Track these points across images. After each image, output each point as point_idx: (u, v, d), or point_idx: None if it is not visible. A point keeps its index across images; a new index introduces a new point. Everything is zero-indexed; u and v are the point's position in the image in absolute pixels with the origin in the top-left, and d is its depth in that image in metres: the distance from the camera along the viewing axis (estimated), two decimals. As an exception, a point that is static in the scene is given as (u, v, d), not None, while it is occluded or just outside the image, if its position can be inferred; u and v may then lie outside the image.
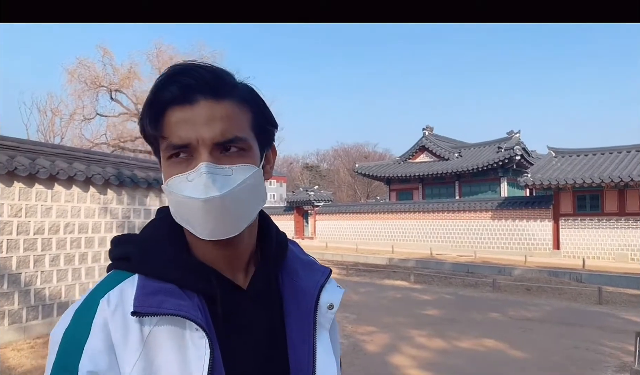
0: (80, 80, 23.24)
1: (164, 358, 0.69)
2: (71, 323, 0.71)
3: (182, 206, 0.73)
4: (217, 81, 0.74)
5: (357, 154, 68.74)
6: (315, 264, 0.91)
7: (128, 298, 0.70)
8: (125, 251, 0.78)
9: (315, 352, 0.80)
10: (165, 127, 0.72)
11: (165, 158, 0.74)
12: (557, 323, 8.29)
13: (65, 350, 0.69)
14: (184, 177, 0.71)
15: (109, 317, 0.69)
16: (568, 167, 21.23)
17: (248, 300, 0.79)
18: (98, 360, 0.67)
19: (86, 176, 7.38)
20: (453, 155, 29.94)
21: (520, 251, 21.15)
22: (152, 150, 0.80)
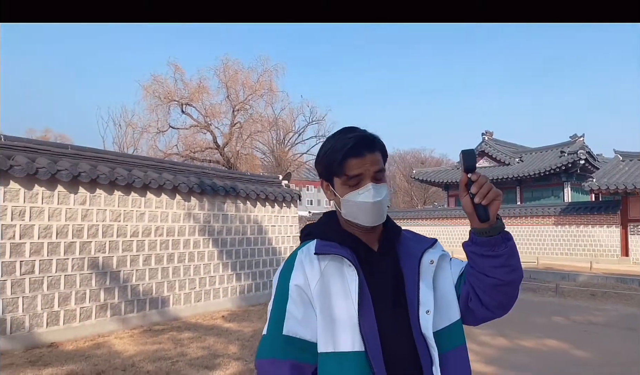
0: (154, 96, 24.98)
1: (332, 280, 1.22)
2: (284, 266, 1.29)
3: (355, 207, 1.28)
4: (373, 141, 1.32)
5: (414, 159, 68.19)
6: (425, 238, 1.44)
7: (312, 249, 1.26)
8: (310, 231, 1.38)
9: (419, 288, 1.29)
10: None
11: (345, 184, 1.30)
12: (623, 328, 8.28)
13: (282, 276, 1.26)
14: (355, 192, 1.28)
15: (303, 259, 1.26)
16: (637, 171, 20.48)
17: (379, 256, 1.32)
18: (299, 280, 1.21)
19: (173, 185, 8.25)
20: (514, 160, 29.42)
21: (586, 257, 20.58)
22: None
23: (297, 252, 1.28)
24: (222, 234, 9.33)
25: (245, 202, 9.87)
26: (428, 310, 1.27)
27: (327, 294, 1.19)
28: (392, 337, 1.21)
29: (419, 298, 1.27)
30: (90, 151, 7.60)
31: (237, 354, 5.99)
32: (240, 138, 26.40)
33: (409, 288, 1.28)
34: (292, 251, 1.32)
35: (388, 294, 1.26)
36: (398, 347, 1.21)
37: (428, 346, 1.23)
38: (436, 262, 1.34)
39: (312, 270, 1.22)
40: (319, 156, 1.35)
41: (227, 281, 9.34)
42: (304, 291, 1.19)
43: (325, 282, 1.20)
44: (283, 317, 1.18)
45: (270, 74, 27.72)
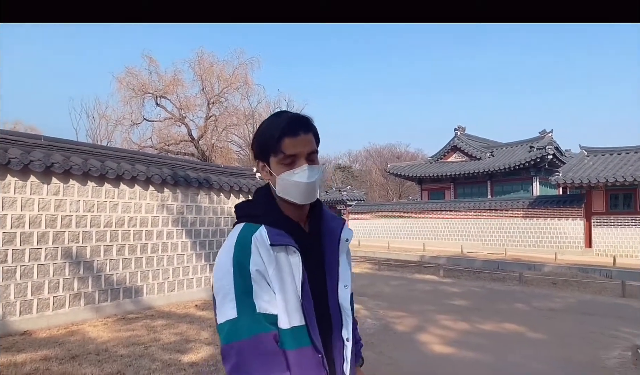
0: (129, 88, 24.77)
1: (283, 265, 1.32)
2: (236, 252, 1.29)
3: (290, 186, 1.37)
4: (307, 123, 1.42)
5: (389, 154, 68.80)
6: (336, 216, 1.62)
7: (265, 237, 1.31)
8: (254, 214, 1.40)
9: (338, 264, 1.47)
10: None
11: (280, 163, 1.38)
12: (579, 313, 8.78)
13: (240, 260, 1.28)
14: (291, 172, 1.37)
15: (259, 246, 1.30)
16: (600, 166, 21.27)
17: (310, 237, 1.44)
18: (259, 266, 1.28)
19: (146, 176, 8.36)
20: (485, 155, 30.12)
21: (552, 249, 21.33)
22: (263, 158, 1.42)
23: (250, 237, 1.31)
24: (196, 225, 9.48)
25: (219, 194, 10.03)
26: (346, 285, 1.48)
27: (280, 278, 1.30)
28: (322, 310, 1.39)
29: (339, 274, 1.46)
30: (63, 142, 7.65)
31: (208, 339, 6.19)
32: (215, 131, 26.39)
33: (331, 264, 1.45)
34: (238, 231, 1.35)
35: (319, 272, 1.42)
36: (325, 318, 1.40)
37: (343, 315, 1.45)
38: (350, 240, 1.54)
39: (268, 258, 1.30)
40: (255, 137, 1.43)
41: (200, 271, 9.50)
42: (264, 276, 1.29)
43: (278, 268, 1.31)
44: (251, 297, 1.24)
45: (245, 67, 27.76)
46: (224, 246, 1.34)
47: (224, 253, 1.31)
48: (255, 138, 1.44)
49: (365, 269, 16.06)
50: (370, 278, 13.61)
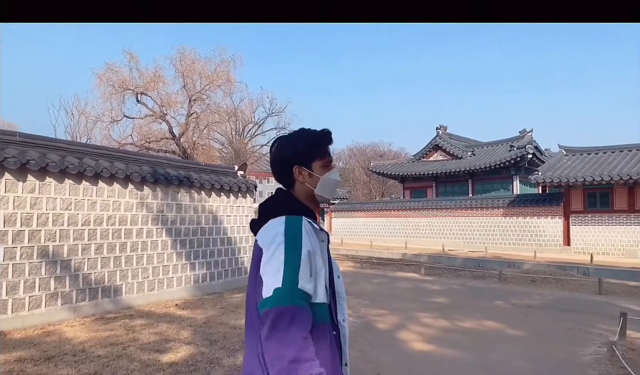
0: (109, 84, 24.36)
1: (320, 251, 1.56)
2: (295, 231, 1.50)
3: (330, 184, 1.69)
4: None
5: (372, 152, 69.06)
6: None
7: (311, 225, 1.58)
8: (292, 210, 1.61)
9: (331, 257, 1.72)
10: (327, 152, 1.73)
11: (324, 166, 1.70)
12: (557, 310, 8.91)
13: (297, 240, 1.49)
14: (330, 172, 1.70)
15: (308, 231, 1.54)
16: (579, 165, 21.65)
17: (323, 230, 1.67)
18: (309, 247, 1.49)
19: (126, 174, 8.24)
20: (466, 153, 30.42)
21: (531, 247, 21.64)
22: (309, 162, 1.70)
23: (300, 223, 1.54)
24: (176, 224, 9.38)
25: (199, 192, 9.93)
26: (339, 275, 1.74)
27: (318, 261, 1.52)
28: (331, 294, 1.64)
29: (332, 266, 1.69)
30: (40, 139, 7.50)
31: (188, 338, 6.13)
32: (197, 128, 26.14)
33: (329, 257, 1.68)
34: (291, 219, 1.55)
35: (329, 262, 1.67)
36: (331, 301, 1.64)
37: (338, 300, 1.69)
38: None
39: (315, 242, 1.55)
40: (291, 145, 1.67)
41: (181, 270, 9.41)
42: (310, 257, 1.48)
43: (318, 252, 1.54)
44: (297, 274, 1.42)
45: (227, 64, 27.53)
46: (278, 230, 1.50)
47: (276, 227, 1.52)
48: (294, 146, 1.67)
49: (348, 268, 16.09)
50: (352, 276, 13.64)
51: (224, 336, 6.25)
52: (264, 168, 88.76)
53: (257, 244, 1.55)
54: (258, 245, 1.53)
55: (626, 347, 5.81)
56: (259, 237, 1.55)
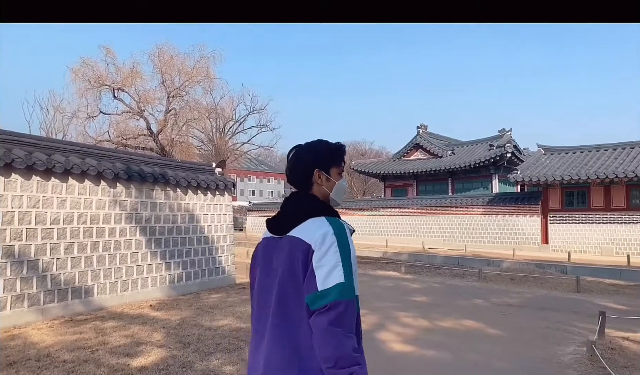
0: (84, 79, 23.76)
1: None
2: (347, 235, 1.64)
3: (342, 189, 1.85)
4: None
5: (354, 151, 69.13)
6: None
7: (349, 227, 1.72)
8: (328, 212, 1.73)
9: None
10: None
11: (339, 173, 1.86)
12: (535, 308, 8.91)
13: (350, 243, 1.64)
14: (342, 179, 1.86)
15: (348, 230, 1.69)
16: (557, 164, 21.90)
17: None
18: (351, 240, 1.66)
19: (98, 171, 7.96)
20: (446, 152, 30.57)
21: (510, 245, 21.83)
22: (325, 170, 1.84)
23: (342, 224, 1.69)
24: (151, 222, 9.11)
25: (175, 190, 9.68)
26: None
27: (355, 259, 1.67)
28: None
29: None
30: (5, 134, 7.18)
31: (160, 341, 5.91)
32: (175, 125, 25.71)
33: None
34: (334, 221, 1.68)
35: None
36: None
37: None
38: None
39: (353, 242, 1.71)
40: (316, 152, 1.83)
41: (156, 270, 9.15)
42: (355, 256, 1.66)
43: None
44: (352, 271, 1.59)
45: (207, 61, 27.14)
46: (328, 230, 1.62)
47: (342, 236, 1.63)
48: (316, 152, 1.83)
49: (328, 266, 15.95)
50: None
51: (198, 338, 6.05)
52: (245, 166, 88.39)
53: (295, 239, 1.64)
54: (302, 240, 1.61)
55: (605, 347, 5.79)
56: (299, 234, 1.64)
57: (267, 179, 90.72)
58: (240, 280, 11.56)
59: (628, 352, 5.68)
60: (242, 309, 7.94)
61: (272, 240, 1.75)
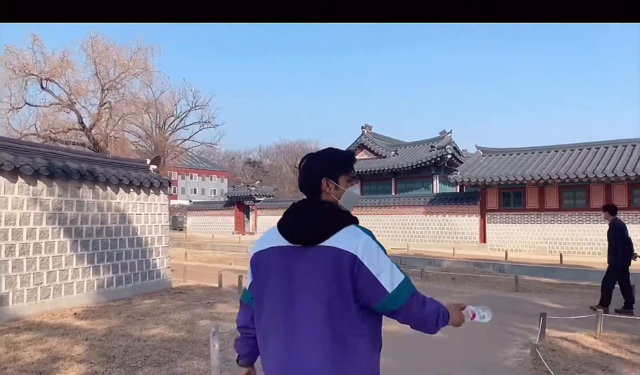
0: (8, 68, 21.99)
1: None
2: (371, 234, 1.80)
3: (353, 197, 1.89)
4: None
5: (300, 150, 69.08)
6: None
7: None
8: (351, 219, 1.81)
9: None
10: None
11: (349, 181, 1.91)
12: (477, 308, 8.95)
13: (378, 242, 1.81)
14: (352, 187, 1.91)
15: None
16: (494, 165, 22.60)
17: None
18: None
19: (14, 166, 7.20)
20: (390, 153, 30.93)
21: (450, 244, 22.30)
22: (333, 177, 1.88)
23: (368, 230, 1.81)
24: (77, 223, 8.38)
25: (105, 188, 8.98)
26: None
27: None
28: None
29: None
30: None
31: (82, 355, 5.34)
32: (111, 120, 24.38)
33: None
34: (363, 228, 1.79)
35: None
36: None
37: None
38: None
39: None
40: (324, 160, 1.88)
41: (82, 275, 8.43)
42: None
43: None
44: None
45: (145, 52, 25.95)
46: (366, 237, 1.75)
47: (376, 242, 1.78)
48: (324, 161, 1.88)
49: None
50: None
51: (125, 350, 5.53)
52: (187, 163, 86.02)
53: (333, 249, 1.67)
54: (343, 250, 1.67)
55: (547, 348, 5.79)
56: (338, 244, 1.68)
57: (209, 177, 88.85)
58: (177, 284, 10.97)
59: (568, 354, 5.71)
60: (177, 316, 7.44)
61: (290, 251, 1.74)
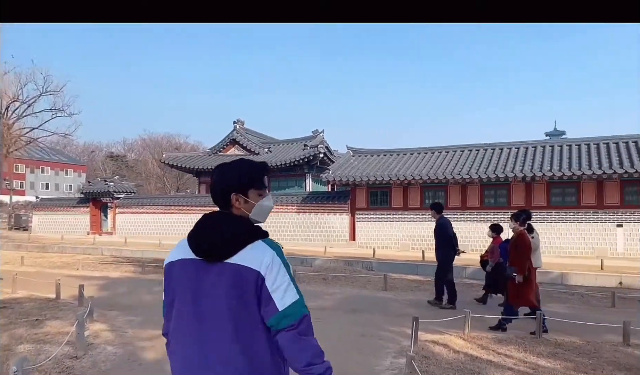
0: None
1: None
2: (277, 249, 1.81)
3: (264, 210, 1.91)
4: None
5: (168, 145, 65.47)
6: None
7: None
8: (260, 233, 1.82)
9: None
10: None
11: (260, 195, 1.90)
12: (348, 310, 8.64)
13: (283, 257, 1.81)
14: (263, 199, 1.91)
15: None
16: (363, 165, 23.15)
17: None
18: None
19: None
20: (263, 150, 30.30)
21: (322, 242, 22.31)
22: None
23: (277, 243, 1.84)
24: None
25: None
26: None
27: None
28: None
29: None
30: None
31: None
32: None
33: None
34: (271, 242, 1.81)
35: None
36: None
37: None
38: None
39: None
40: (236, 173, 1.87)
41: None
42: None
43: None
44: (298, 288, 1.79)
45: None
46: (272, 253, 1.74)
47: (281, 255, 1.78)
48: (233, 175, 1.86)
49: (127, 273, 13.93)
50: (130, 284, 11.69)
51: None
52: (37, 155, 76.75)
53: (238, 266, 1.69)
54: (247, 267, 1.68)
55: (421, 356, 5.50)
56: (242, 261, 1.69)
57: (64, 171, 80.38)
58: (3, 296, 9.07)
59: (441, 360, 5.47)
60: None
61: (199, 264, 1.75)
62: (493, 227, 9.46)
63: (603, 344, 6.32)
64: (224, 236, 1.72)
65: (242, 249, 1.70)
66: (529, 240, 7.18)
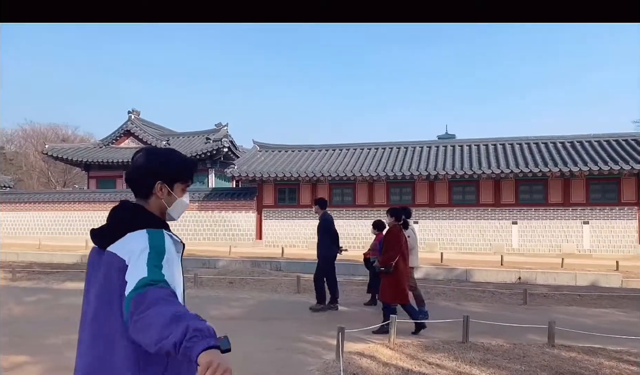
0: None
1: (176, 257, 1.63)
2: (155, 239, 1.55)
3: (182, 206, 1.79)
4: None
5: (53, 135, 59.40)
6: None
7: (169, 237, 1.62)
8: (152, 224, 1.63)
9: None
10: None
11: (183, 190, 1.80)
12: (261, 319, 7.80)
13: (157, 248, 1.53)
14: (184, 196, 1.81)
15: (169, 242, 1.59)
16: (271, 161, 22.33)
17: None
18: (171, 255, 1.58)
19: None
20: (161, 143, 28.20)
21: (226, 241, 21.13)
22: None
23: (163, 235, 1.60)
24: None
25: None
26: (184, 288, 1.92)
27: (177, 274, 1.60)
28: None
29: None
30: None
31: None
32: None
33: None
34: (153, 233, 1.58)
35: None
36: None
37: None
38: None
39: (175, 253, 1.62)
40: (163, 164, 1.72)
41: None
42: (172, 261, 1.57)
43: (176, 264, 1.61)
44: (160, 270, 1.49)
45: None
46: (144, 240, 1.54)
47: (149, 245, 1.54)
48: (163, 163, 1.72)
49: (-5, 280, 11.80)
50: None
51: None
52: None
53: (112, 254, 1.55)
54: (117, 256, 1.53)
55: (349, 373, 4.82)
56: (117, 249, 1.55)
57: None
58: None
59: (372, 378, 4.83)
60: None
61: (96, 253, 1.66)
62: (375, 223, 9.16)
63: (529, 347, 6.11)
64: (115, 224, 1.64)
65: (123, 236, 1.58)
66: (399, 235, 6.97)
